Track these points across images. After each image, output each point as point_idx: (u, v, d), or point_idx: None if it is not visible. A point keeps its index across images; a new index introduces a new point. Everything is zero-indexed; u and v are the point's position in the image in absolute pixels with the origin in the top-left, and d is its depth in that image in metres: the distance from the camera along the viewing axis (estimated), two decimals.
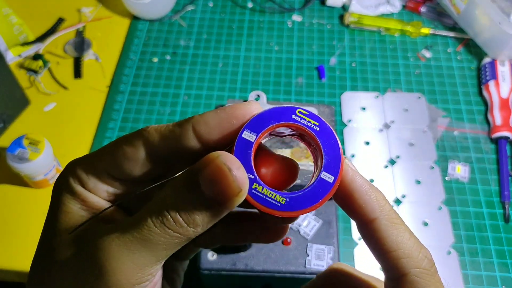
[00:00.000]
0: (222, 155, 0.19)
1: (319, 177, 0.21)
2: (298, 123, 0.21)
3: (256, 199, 0.20)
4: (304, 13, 0.81)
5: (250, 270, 0.43)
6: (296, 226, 0.45)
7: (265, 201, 0.20)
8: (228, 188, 0.19)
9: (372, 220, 0.21)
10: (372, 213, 0.21)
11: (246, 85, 0.71)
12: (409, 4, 0.80)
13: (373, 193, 0.21)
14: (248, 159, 0.20)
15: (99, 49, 0.76)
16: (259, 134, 0.21)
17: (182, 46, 0.76)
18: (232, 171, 0.19)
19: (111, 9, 0.82)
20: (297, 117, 0.21)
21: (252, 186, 0.20)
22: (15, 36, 0.75)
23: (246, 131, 0.21)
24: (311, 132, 0.21)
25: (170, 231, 0.20)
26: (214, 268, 0.43)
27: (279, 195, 0.20)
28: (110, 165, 0.22)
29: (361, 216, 0.22)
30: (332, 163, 0.21)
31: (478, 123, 0.67)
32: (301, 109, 0.21)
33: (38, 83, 0.71)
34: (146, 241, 0.20)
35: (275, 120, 0.21)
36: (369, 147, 0.64)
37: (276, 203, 0.20)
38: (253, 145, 0.21)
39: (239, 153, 0.20)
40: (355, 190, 0.21)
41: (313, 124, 0.21)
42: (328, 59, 0.74)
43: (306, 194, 0.20)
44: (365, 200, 0.21)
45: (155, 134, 0.21)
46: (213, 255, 0.43)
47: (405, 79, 0.72)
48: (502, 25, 0.67)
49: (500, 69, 0.69)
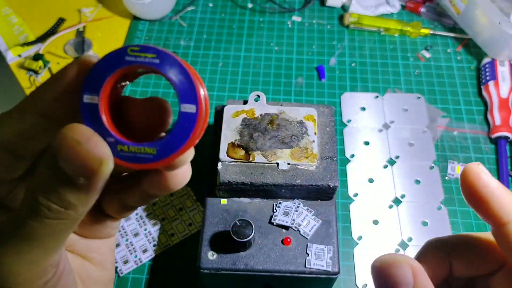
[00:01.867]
0: (69, 129, 0.18)
1: (179, 111, 0.19)
2: (134, 62, 0.19)
3: (126, 160, 0.19)
4: (304, 13, 0.81)
5: (250, 269, 0.43)
6: (296, 226, 0.45)
7: (136, 158, 0.19)
8: (87, 162, 0.18)
9: (505, 224, 0.21)
10: (506, 216, 0.21)
11: (246, 85, 0.71)
12: (408, 5, 0.80)
13: (508, 197, 0.21)
14: (100, 123, 0.19)
15: (100, 49, 0.76)
16: (100, 93, 0.19)
17: (182, 46, 0.76)
18: (82, 145, 0.17)
19: (111, 9, 0.82)
20: (130, 57, 0.19)
21: (117, 149, 0.19)
22: (15, 36, 0.75)
23: (85, 95, 0.19)
24: (152, 66, 0.19)
25: (49, 220, 0.19)
26: (214, 267, 0.43)
27: (147, 147, 0.19)
28: None
29: (494, 219, 0.22)
30: (187, 91, 0.19)
31: (478, 123, 0.67)
32: (132, 46, 0.19)
33: (39, 83, 0.71)
34: (31, 239, 0.19)
35: (110, 70, 0.19)
36: (369, 147, 0.64)
37: (148, 156, 0.19)
38: (99, 106, 0.19)
39: (88, 119, 0.19)
40: (489, 194, 0.22)
41: (151, 57, 0.19)
42: (328, 59, 0.74)
43: (174, 135, 0.19)
44: (499, 204, 0.21)
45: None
46: (213, 254, 0.44)
47: (405, 79, 0.72)
48: (502, 25, 0.67)
49: (500, 69, 0.69)
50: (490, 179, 0.22)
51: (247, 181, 0.44)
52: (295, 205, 0.46)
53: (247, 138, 0.46)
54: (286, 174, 0.45)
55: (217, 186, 0.45)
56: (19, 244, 0.19)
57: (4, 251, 0.19)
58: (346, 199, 0.59)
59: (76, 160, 0.17)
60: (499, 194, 0.21)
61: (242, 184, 0.44)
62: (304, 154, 0.45)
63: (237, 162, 0.45)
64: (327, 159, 0.46)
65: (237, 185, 0.45)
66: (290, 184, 0.44)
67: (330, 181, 0.44)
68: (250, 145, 0.45)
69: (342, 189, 0.60)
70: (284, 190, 0.45)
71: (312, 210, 0.46)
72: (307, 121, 0.48)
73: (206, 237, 0.44)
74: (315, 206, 0.46)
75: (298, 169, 0.45)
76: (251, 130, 0.47)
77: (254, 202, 0.47)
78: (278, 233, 0.45)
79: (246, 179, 0.44)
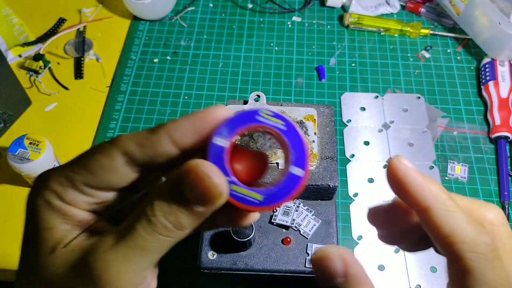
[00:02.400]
0: (202, 164, 0.20)
1: (289, 172, 0.22)
2: (264, 124, 0.23)
3: (235, 198, 0.22)
4: (304, 13, 0.81)
5: (250, 269, 0.43)
6: (296, 225, 0.45)
7: (243, 200, 0.22)
8: (210, 193, 0.20)
9: (426, 209, 0.23)
10: (425, 202, 0.23)
11: (246, 85, 0.71)
12: (408, 5, 0.80)
13: (426, 185, 0.23)
14: (223, 163, 0.22)
15: (100, 49, 0.76)
16: (229, 139, 0.22)
17: (183, 46, 0.76)
18: (212, 179, 0.20)
19: (112, 10, 0.82)
20: (262, 118, 0.23)
21: (232, 188, 0.22)
22: (16, 36, 0.75)
23: (217, 137, 0.22)
24: (278, 131, 0.23)
25: (161, 236, 0.21)
26: (214, 267, 0.43)
27: (256, 193, 0.22)
28: (87, 177, 0.22)
29: (416, 206, 0.23)
30: (300, 158, 0.23)
31: (478, 123, 0.67)
32: (265, 109, 0.23)
33: (39, 83, 0.71)
34: (140, 249, 0.21)
35: (243, 124, 0.22)
36: (369, 147, 0.64)
37: (254, 201, 0.22)
38: (225, 150, 0.22)
39: (213, 158, 0.22)
40: (407, 183, 0.23)
41: (279, 123, 0.23)
42: (328, 60, 0.74)
43: (280, 189, 0.22)
44: (418, 192, 0.23)
45: (129, 143, 0.22)
46: (213, 254, 0.44)
47: (405, 79, 0.72)
48: (502, 25, 0.67)
49: (500, 70, 0.69)
50: (408, 170, 0.23)
51: None
52: (295, 205, 0.46)
53: (247, 138, 0.46)
54: None
55: None
56: (130, 252, 0.21)
57: (115, 257, 0.21)
58: (346, 199, 0.59)
59: (201, 189, 0.20)
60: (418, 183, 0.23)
61: None
62: None
63: None
64: (327, 159, 0.46)
65: None
66: None
67: (330, 181, 0.45)
68: (250, 145, 0.45)
69: (342, 189, 0.60)
70: None
71: (312, 210, 0.46)
72: (307, 121, 0.48)
73: (206, 237, 0.44)
74: (315, 206, 0.47)
75: None
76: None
77: None
78: (278, 233, 0.45)
79: None
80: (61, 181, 0.23)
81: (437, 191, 0.23)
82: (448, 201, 0.23)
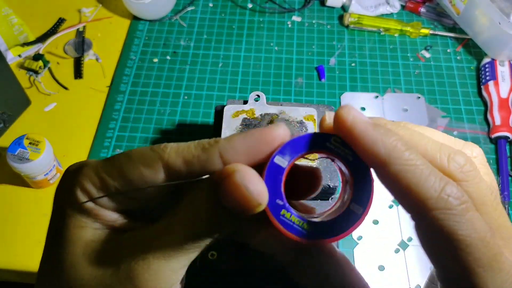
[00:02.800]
0: (240, 171, 0.19)
1: (348, 208, 0.20)
2: (332, 151, 0.21)
3: (283, 225, 0.20)
4: (304, 13, 0.81)
5: (250, 269, 0.43)
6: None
7: (292, 228, 0.20)
8: (247, 203, 0.19)
9: (382, 165, 0.20)
10: (379, 158, 0.19)
11: (246, 85, 0.71)
12: (408, 5, 0.80)
13: (380, 137, 0.19)
14: (278, 184, 0.20)
15: (100, 49, 0.76)
16: (292, 160, 0.21)
17: (182, 46, 0.76)
18: (250, 188, 0.19)
19: (111, 10, 0.82)
20: (331, 145, 0.21)
21: (281, 212, 0.20)
22: (15, 36, 0.75)
23: (279, 156, 0.21)
24: (344, 162, 0.21)
25: (202, 236, 0.21)
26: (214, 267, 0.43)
27: (305, 223, 0.20)
28: (123, 185, 0.21)
29: (370, 162, 0.20)
30: (363, 195, 0.21)
31: (478, 123, 0.67)
32: (336, 136, 0.21)
33: (39, 83, 0.71)
34: (181, 249, 0.21)
35: (310, 148, 0.21)
36: None
37: (302, 230, 0.20)
38: (284, 170, 0.20)
39: (269, 177, 0.20)
40: (357, 137, 0.20)
41: (347, 153, 0.21)
42: (328, 60, 0.74)
43: (334, 224, 0.20)
44: (370, 146, 0.19)
45: (176, 158, 0.21)
46: (213, 255, 0.44)
47: (405, 79, 0.72)
48: (502, 25, 0.67)
49: (500, 70, 0.69)
50: (356, 119, 0.20)
51: None
52: None
53: None
54: None
55: None
56: (171, 252, 0.21)
57: (155, 256, 0.20)
58: None
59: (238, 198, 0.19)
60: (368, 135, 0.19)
61: None
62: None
63: None
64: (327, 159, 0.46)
65: None
66: None
67: (330, 181, 0.44)
68: None
69: None
70: None
71: None
72: (307, 121, 0.48)
73: None
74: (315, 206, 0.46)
75: None
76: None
77: None
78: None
79: None
80: (95, 182, 0.21)
81: (392, 144, 0.19)
82: (406, 153, 0.19)
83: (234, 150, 0.20)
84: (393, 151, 0.19)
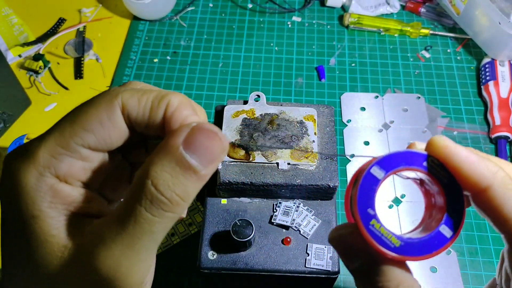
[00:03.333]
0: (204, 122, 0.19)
1: (437, 229, 0.21)
2: (429, 171, 0.21)
3: (372, 236, 0.20)
4: (304, 13, 0.81)
5: (250, 269, 0.43)
6: (296, 226, 0.45)
7: (380, 240, 0.20)
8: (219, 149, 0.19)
9: (485, 189, 0.20)
10: (484, 181, 0.20)
11: (246, 85, 0.71)
12: (408, 5, 0.80)
13: (482, 162, 0.20)
14: (372, 194, 0.21)
15: (100, 49, 0.76)
16: (388, 173, 0.21)
17: (182, 46, 0.76)
18: (218, 133, 0.19)
19: (111, 10, 0.82)
20: (428, 165, 0.21)
21: (370, 222, 0.20)
22: (15, 36, 0.75)
23: (376, 168, 0.21)
24: (440, 184, 0.21)
25: (169, 213, 0.19)
26: (214, 267, 0.43)
27: (394, 237, 0.20)
28: (85, 136, 0.20)
29: (472, 186, 0.21)
30: (454, 218, 0.21)
31: (478, 123, 0.67)
32: (433, 158, 0.21)
33: (39, 83, 0.71)
34: (147, 234, 0.19)
35: (406, 163, 0.21)
36: (369, 147, 0.64)
37: (389, 244, 0.20)
38: (379, 182, 0.21)
39: (364, 186, 0.20)
40: (460, 162, 0.20)
41: (443, 175, 0.21)
42: (328, 60, 0.74)
43: (421, 243, 0.20)
44: (473, 170, 0.20)
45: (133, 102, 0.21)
46: (213, 254, 0.44)
47: (405, 79, 0.72)
48: (502, 25, 0.67)
49: (500, 70, 0.69)
50: (458, 147, 0.21)
51: (247, 181, 0.44)
52: (295, 205, 0.46)
53: (247, 138, 0.46)
54: (286, 174, 0.45)
55: (217, 186, 0.45)
56: (137, 242, 0.19)
57: (123, 252, 0.19)
58: None
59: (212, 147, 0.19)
60: (472, 161, 0.20)
61: (242, 184, 0.44)
62: (303, 154, 0.45)
63: (237, 162, 0.45)
64: (327, 159, 0.46)
65: (237, 185, 0.45)
66: (290, 184, 0.44)
67: (330, 181, 0.45)
68: (250, 145, 0.45)
69: (342, 189, 0.60)
70: (284, 190, 0.45)
71: (312, 210, 0.46)
72: (307, 121, 0.48)
73: (206, 237, 0.44)
74: (315, 206, 0.46)
75: (298, 169, 0.45)
76: (251, 130, 0.47)
77: (254, 202, 0.47)
78: (278, 233, 0.45)
79: (246, 179, 0.44)
80: (53, 151, 0.20)
81: (494, 168, 0.20)
82: (508, 178, 0.20)
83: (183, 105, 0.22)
84: (497, 175, 0.20)
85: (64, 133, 0.20)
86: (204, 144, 0.19)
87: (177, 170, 0.18)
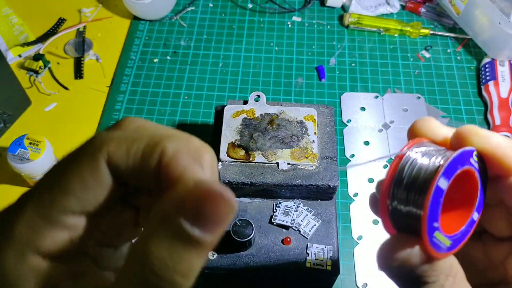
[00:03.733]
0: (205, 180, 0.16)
1: (471, 218, 0.21)
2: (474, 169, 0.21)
3: (435, 247, 0.20)
4: (304, 13, 0.81)
5: (250, 269, 0.43)
6: (296, 226, 0.45)
7: (439, 248, 0.20)
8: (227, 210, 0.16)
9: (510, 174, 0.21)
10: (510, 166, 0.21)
11: (246, 85, 0.71)
12: (408, 5, 0.80)
13: None
14: (437, 207, 0.20)
15: (100, 49, 0.76)
16: (450, 181, 0.20)
17: (183, 46, 0.76)
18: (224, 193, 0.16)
19: (111, 10, 0.82)
20: (474, 162, 0.21)
21: (434, 234, 0.20)
22: (15, 36, 0.75)
23: (442, 179, 0.20)
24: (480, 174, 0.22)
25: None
26: (214, 267, 0.43)
27: (448, 240, 0.21)
28: (68, 202, 0.18)
29: (503, 171, 0.21)
30: (480, 203, 0.22)
31: (478, 123, 0.67)
32: (476, 152, 0.22)
33: (39, 83, 0.71)
34: None
35: (461, 164, 0.21)
36: (369, 147, 0.64)
37: (443, 247, 0.20)
38: (444, 193, 0.20)
39: (433, 201, 0.19)
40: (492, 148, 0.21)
41: (480, 167, 0.22)
42: (328, 60, 0.74)
43: (461, 233, 0.21)
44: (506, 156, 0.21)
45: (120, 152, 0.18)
46: (213, 254, 0.44)
47: (405, 79, 0.72)
48: (502, 25, 0.67)
49: (500, 70, 0.69)
50: (489, 133, 0.21)
51: (247, 181, 0.44)
52: (295, 205, 0.46)
53: (247, 138, 0.46)
54: (286, 174, 0.45)
55: None
56: None
57: None
58: (346, 199, 0.59)
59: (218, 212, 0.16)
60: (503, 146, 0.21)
61: (242, 184, 0.44)
62: (304, 154, 0.45)
63: (237, 162, 0.45)
64: (327, 159, 0.46)
65: (237, 185, 0.45)
66: (290, 184, 0.44)
67: (330, 181, 0.45)
68: (250, 145, 0.45)
69: (342, 189, 0.60)
70: (284, 190, 0.45)
71: (312, 210, 0.46)
72: (307, 121, 0.48)
73: None
74: (315, 206, 0.46)
75: (298, 169, 0.45)
76: (251, 130, 0.47)
77: (254, 202, 0.47)
78: (278, 233, 0.45)
79: (246, 179, 0.44)
80: (32, 224, 0.17)
81: None
82: None
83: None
84: None
85: (43, 201, 0.18)
86: (207, 209, 0.15)
87: (176, 245, 0.15)
